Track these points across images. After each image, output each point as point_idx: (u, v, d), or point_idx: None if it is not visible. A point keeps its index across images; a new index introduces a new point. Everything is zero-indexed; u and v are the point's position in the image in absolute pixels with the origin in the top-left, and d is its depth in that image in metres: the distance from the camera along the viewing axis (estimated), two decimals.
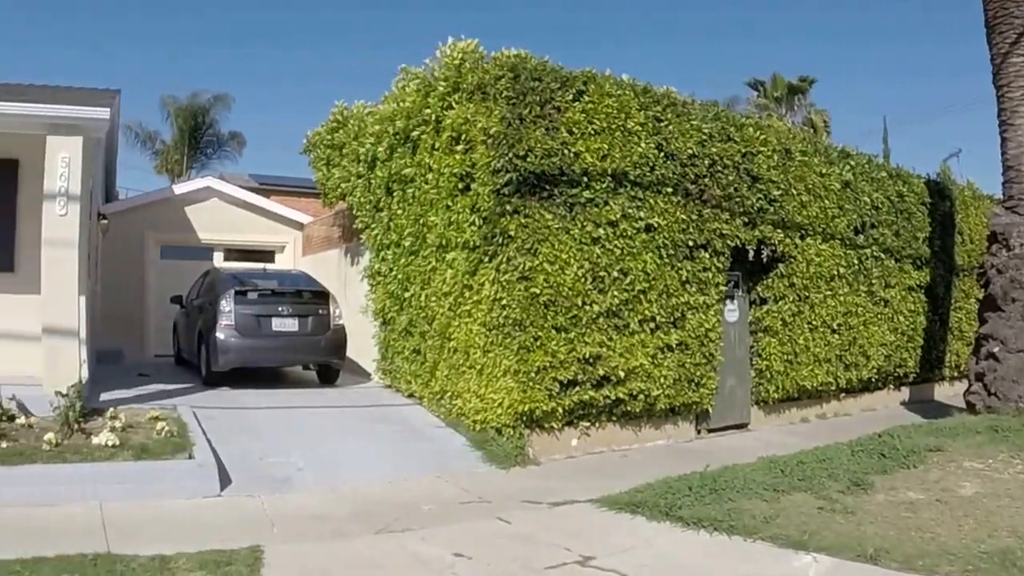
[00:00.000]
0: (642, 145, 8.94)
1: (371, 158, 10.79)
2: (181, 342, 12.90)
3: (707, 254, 9.59)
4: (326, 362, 11.26)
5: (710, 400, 9.70)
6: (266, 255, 16.06)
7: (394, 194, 10.26)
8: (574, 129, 8.50)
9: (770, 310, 10.63)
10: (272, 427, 8.48)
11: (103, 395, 8.96)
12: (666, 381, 9.06)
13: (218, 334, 10.34)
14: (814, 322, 11.04)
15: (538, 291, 8.12)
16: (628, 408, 8.89)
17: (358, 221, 11.48)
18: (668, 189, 9.17)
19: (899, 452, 7.69)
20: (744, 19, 66.69)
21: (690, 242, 9.37)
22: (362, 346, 11.43)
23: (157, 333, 14.77)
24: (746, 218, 10.06)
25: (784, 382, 10.72)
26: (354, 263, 12.50)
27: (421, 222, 9.58)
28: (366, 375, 11.81)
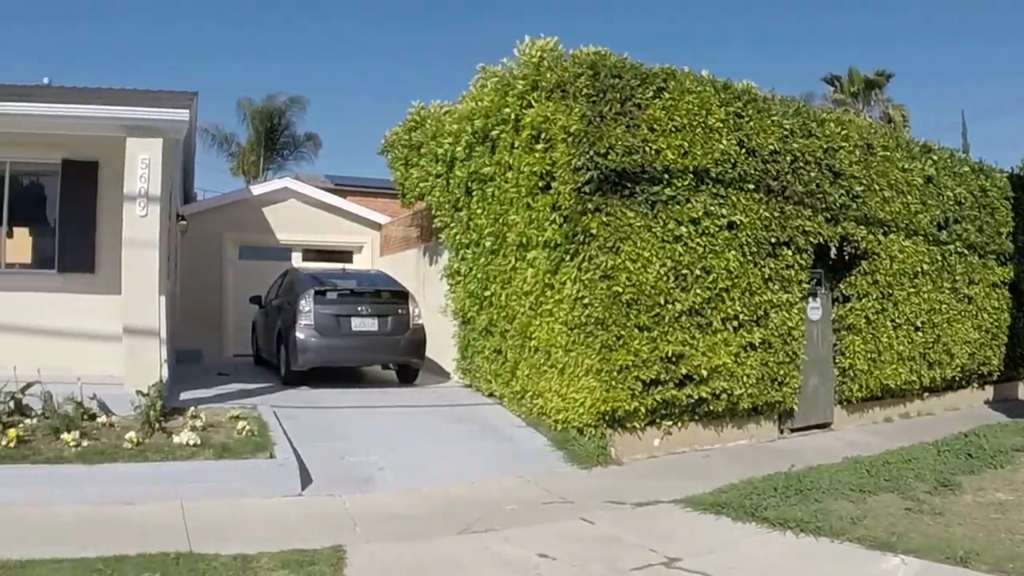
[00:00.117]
0: (723, 142, 8.86)
1: (449, 158, 10.84)
2: (260, 342, 13.05)
3: (790, 251, 9.46)
4: (405, 362, 11.29)
5: (793, 399, 9.58)
6: (344, 255, 16.21)
7: (473, 193, 10.29)
8: (655, 126, 8.44)
9: (853, 308, 10.45)
10: (352, 427, 8.50)
11: (183, 394, 9.04)
12: (749, 380, 8.97)
13: (298, 334, 10.43)
14: (897, 320, 10.81)
15: (620, 290, 8.11)
16: (711, 407, 8.82)
17: (437, 220, 11.54)
18: (750, 186, 9.07)
19: (986, 452, 7.56)
20: (815, 21, 65.53)
21: (772, 239, 9.26)
22: (441, 345, 11.47)
23: (235, 333, 15.05)
24: (828, 214, 9.90)
25: (868, 381, 10.51)
26: (433, 263, 12.58)
27: (501, 221, 9.60)
28: (445, 375, 11.85)
